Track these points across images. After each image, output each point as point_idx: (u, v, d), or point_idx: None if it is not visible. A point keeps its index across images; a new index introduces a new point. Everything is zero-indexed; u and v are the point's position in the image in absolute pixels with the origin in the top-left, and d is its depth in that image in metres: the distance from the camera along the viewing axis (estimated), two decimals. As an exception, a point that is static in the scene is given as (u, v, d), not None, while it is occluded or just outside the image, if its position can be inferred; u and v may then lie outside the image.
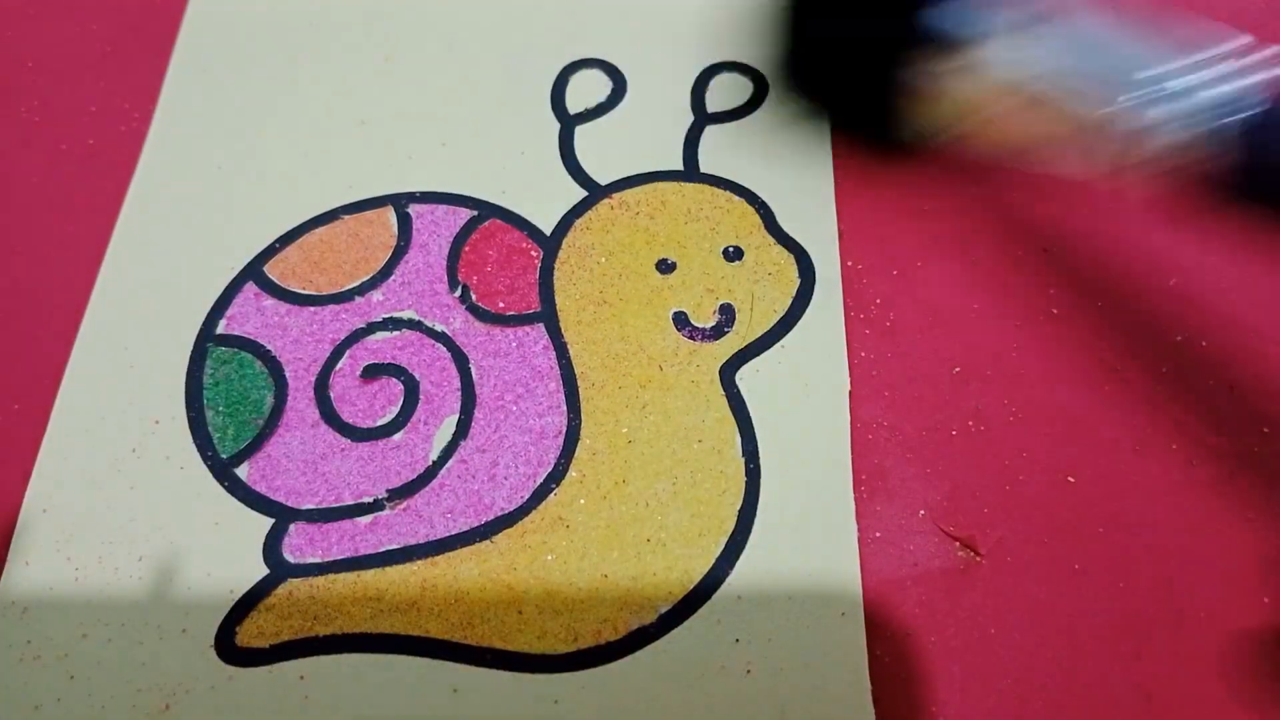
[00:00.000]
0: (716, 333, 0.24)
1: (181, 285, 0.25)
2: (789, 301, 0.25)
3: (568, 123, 0.28)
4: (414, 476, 0.23)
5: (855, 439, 0.23)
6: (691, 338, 0.24)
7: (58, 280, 0.25)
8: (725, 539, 0.22)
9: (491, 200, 0.26)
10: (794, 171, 0.27)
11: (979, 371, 0.24)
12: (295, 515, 0.22)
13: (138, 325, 0.25)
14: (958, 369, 0.24)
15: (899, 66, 0.21)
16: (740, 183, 0.26)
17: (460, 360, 0.24)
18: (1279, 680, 0.20)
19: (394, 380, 0.24)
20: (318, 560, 0.22)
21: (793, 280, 0.25)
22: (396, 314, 0.25)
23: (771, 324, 0.24)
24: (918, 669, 0.21)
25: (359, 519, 0.22)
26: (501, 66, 0.29)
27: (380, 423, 0.23)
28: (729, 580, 0.21)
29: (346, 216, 0.26)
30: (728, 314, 0.24)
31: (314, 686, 0.21)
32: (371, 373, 0.24)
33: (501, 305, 0.25)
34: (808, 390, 0.24)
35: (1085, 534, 0.22)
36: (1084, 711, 0.20)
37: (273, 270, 0.25)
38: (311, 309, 0.25)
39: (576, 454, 0.23)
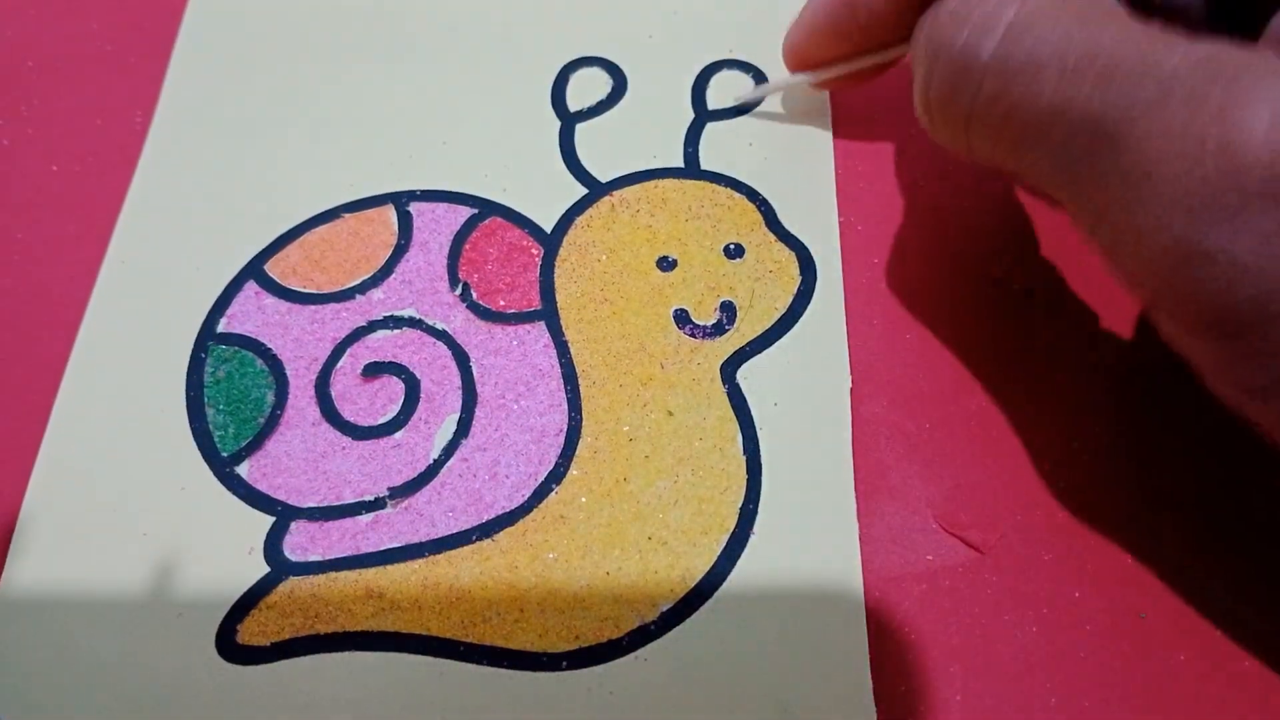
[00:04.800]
0: (718, 330, 0.24)
1: (182, 284, 0.25)
2: (790, 299, 0.25)
3: (568, 120, 0.28)
4: (415, 475, 0.23)
5: (856, 436, 0.23)
6: (692, 335, 0.24)
7: (58, 279, 0.25)
8: (727, 536, 0.22)
9: (492, 198, 0.26)
10: (795, 168, 0.27)
11: (982, 368, 0.24)
12: (296, 513, 0.22)
13: (138, 324, 0.25)
14: (960, 366, 0.24)
15: None
16: (741, 180, 0.26)
17: (461, 358, 0.24)
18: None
19: (395, 379, 0.24)
20: (319, 558, 0.22)
21: (794, 277, 0.25)
22: (397, 312, 0.25)
23: (773, 321, 0.24)
24: (920, 666, 0.21)
25: (360, 517, 0.22)
26: (502, 64, 0.29)
27: (381, 421, 0.23)
28: (730, 578, 0.21)
29: (347, 215, 0.26)
30: (729, 311, 0.24)
31: (315, 685, 0.21)
32: (372, 371, 0.24)
33: (502, 303, 0.25)
34: (809, 388, 0.24)
35: (1088, 532, 0.22)
36: (1087, 710, 0.20)
37: (273, 269, 0.25)
38: (312, 307, 0.25)
39: (578, 452, 0.23)
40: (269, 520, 0.22)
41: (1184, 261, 0.15)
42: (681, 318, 0.24)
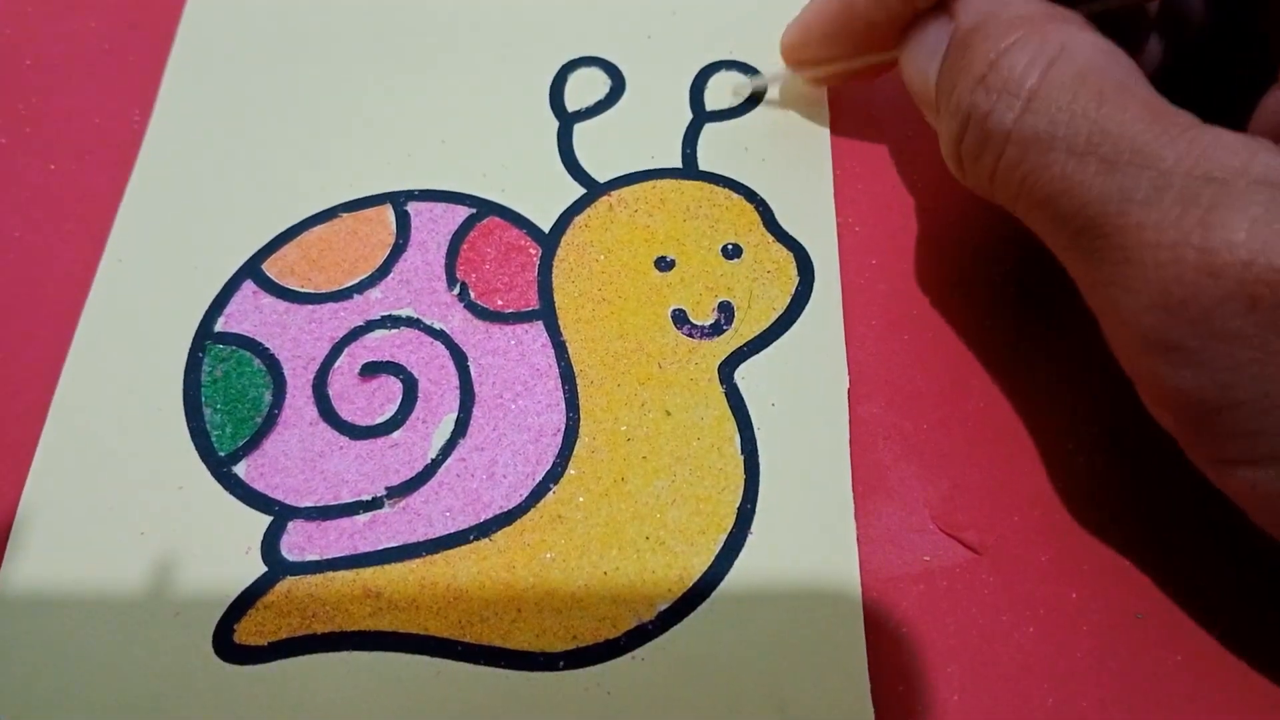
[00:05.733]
0: (715, 330, 0.24)
1: (180, 283, 0.25)
2: (788, 299, 0.25)
3: (566, 120, 0.28)
4: (413, 475, 0.23)
5: (854, 437, 0.23)
6: (690, 335, 0.24)
7: (56, 278, 0.25)
8: (724, 536, 0.22)
9: (490, 198, 0.26)
10: (793, 169, 0.27)
11: (979, 369, 0.24)
12: (294, 513, 0.22)
13: (136, 323, 0.25)
14: (958, 367, 0.24)
15: None
16: (739, 180, 0.26)
17: (459, 358, 0.24)
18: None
19: (392, 379, 0.24)
20: (316, 558, 0.22)
21: (792, 278, 0.25)
22: (395, 312, 0.25)
23: (770, 321, 0.24)
24: (917, 667, 0.21)
25: (358, 517, 0.22)
26: (500, 64, 0.29)
27: (379, 421, 0.23)
28: (728, 578, 0.21)
29: (345, 214, 0.26)
30: (726, 312, 0.24)
31: (312, 684, 0.21)
32: (370, 371, 0.24)
33: (500, 303, 0.25)
34: (807, 388, 0.24)
35: (1086, 532, 0.22)
36: (1085, 711, 0.20)
37: (271, 268, 0.25)
38: (310, 307, 0.25)
39: (575, 452, 0.23)
40: (266, 520, 0.22)
41: (1157, 347, 0.16)
42: (679, 318, 0.24)
